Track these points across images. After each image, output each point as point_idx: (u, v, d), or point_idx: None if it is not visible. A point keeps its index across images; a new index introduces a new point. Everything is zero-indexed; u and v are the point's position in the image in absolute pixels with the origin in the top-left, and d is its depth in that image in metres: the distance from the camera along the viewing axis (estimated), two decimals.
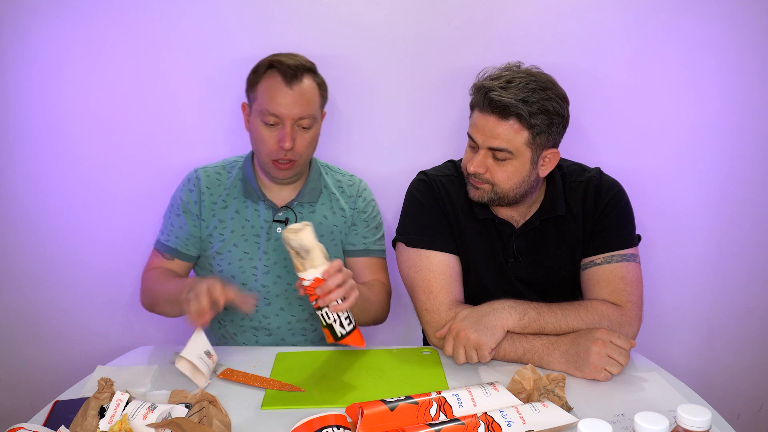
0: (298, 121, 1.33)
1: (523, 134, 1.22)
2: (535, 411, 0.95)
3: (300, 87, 1.32)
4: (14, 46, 1.66)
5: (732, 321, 1.88)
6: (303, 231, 1.09)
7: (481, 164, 1.26)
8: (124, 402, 0.97)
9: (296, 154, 1.35)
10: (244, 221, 1.43)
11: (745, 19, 1.67)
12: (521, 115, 1.20)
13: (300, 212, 1.44)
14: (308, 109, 1.33)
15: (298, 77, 1.32)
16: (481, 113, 1.24)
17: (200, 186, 1.44)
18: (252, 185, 1.43)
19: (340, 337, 1.15)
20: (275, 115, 1.31)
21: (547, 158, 1.28)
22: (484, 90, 1.22)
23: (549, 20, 1.67)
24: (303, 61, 1.36)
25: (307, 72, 1.35)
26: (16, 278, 1.82)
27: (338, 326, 1.14)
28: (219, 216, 1.43)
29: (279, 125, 1.33)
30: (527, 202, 1.35)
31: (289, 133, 1.32)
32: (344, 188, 1.50)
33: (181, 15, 1.66)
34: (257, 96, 1.34)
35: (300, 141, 1.34)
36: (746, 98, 1.72)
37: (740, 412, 1.95)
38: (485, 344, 1.16)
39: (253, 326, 1.46)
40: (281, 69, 1.32)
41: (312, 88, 1.35)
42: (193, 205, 1.43)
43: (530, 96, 1.20)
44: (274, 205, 1.43)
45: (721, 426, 0.99)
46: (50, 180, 1.75)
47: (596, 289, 1.29)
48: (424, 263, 1.32)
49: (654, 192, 1.77)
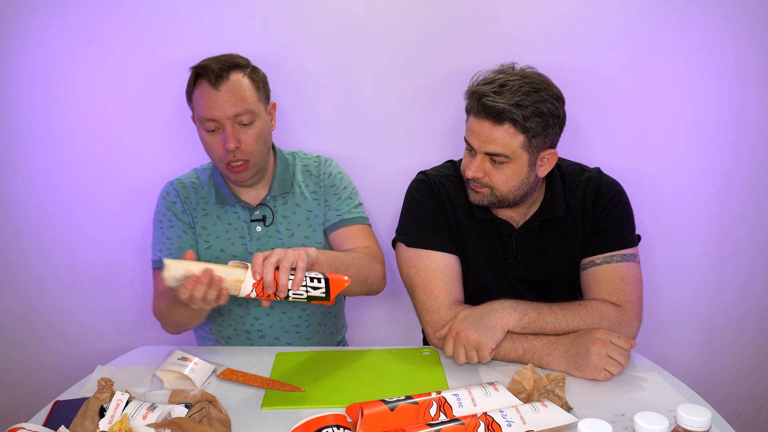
0: (236, 119, 1.31)
1: (519, 138, 1.22)
2: (535, 411, 0.95)
3: (227, 85, 1.30)
4: (14, 46, 1.66)
5: (732, 321, 1.88)
6: (168, 268, 1.04)
7: (479, 169, 1.26)
8: (124, 402, 0.97)
9: (245, 153, 1.33)
10: (227, 225, 1.43)
11: (745, 19, 1.67)
12: (515, 119, 1.19)
13: (275, 206, 1.44)
14: (242, 104, 1.30)
15: (224, 76, 1.29)
16: (476, 118, 1.24)
17: (180, 197, 1.44)
18: (224, 191, 1.43)
19: (326, 296, 1.10)
20: (212, 119, 1.30)
21: (546, 159, 1.28)
22: (477, 95, 1.22)
23: (548, 20, 1.67)
24: (229, 60, 1.33)
25: (235, 69, 1.32)
26: (16, 278, 1.82)
27: (315, 292, 1.09)
28: (201, 223, 1.43)
29: (220, 129, 1.32)
30: (527, 202, 1.35)
31: (231, 134, 1.30)
32: (311, 171, 1.49)
33: (182, 15, 1.66)
34: (194, 106, 1.34)
35: (245, 138, 1.32)
36: (746, 98, 1.72)
37: (740, 412, 1.95)
38: (485, 344, 1.15)
39: (245, 329, 1.46)
40: (206, 74, 1.30)
41: (241, 83, 1.32)
42: (181, 214, 1.42)
43: (524, 99, 1.19)
44: (249, 206, 1.43)
45: (721, 426, 0.99)
46: (50, 180, 1.75)
47: (596, 289, 1.29)
48: (424, 263, 1.32)
49: (654, 192, 1.77)
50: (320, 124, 1.74)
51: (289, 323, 1.46)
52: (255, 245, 1.43)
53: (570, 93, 1.67)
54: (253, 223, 1.43)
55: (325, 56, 1.69)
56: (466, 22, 1.67)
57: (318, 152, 1.55)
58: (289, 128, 1.72)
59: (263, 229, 1.43)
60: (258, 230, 1.43)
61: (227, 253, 1.42)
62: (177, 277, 1.05)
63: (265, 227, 1.43)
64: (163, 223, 1.43)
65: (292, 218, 1.44)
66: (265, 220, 1.43)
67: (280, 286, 1.05)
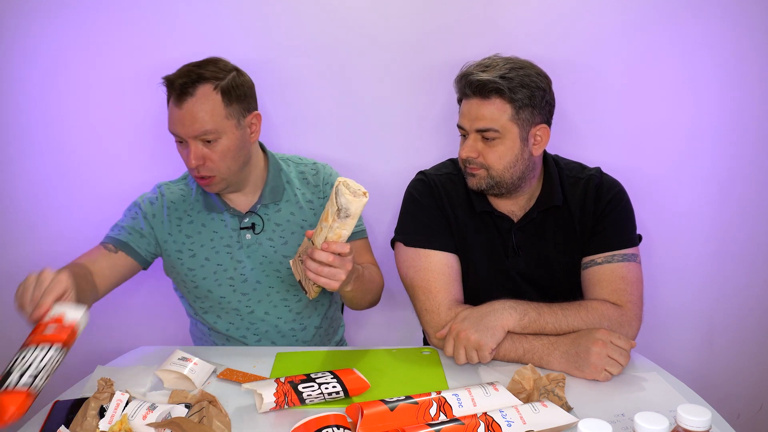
0: (199, 138, 1.26)
1: (507, 110, 1.24)
2: (535, 411, 0.95)
3: (189, 104, 1.24)
4: (14, 46, 1.66)
5: (732, 321, 1.88)
6: (360, 199, 1.04)
7: (472, 148, 1.28)
8: (124, 402, 0.97)
9: (209, 169, 1.29)
10: (212, 233, 1.40)
11: (745, 19, 1.67)
12: (501, 90, 1.23)
13: (265, 214, 1.41)
14: (202, 125, 1.25)
15: (188, 92, 1.24)
16: (465, 100, 1.29)
17: (164, 201, 1.41)
18: (212, 198, 1.40)
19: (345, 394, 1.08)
20: (175, 134, 1.29)
21: (538, 136, 1.29)
22: (464, 77, 1.27)
23: (548, 19, 1.67)
24: (197, 72, 1.26)
25: (202, 82, 1.25)
26: (17, 278, 1.82)
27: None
28: (185, 231, 1.40)
29: (185, 143, 1.29)
30: (526, 191, 1.35)
31: (192, 151, 1.27)
32: (309, 179, 1.46)
33: (182, 15, 1.66)
34: None
35: (209, 155, 1.28)
36: (746, 98, 1.72)
37: (740, 412, 1.95)
38: (486, 345, 1.16)
39: (240, 335, 1.45)
40: (172, 88, 1.26)
41: (206, 100, 1.25)
42: (152, 218, 1.40)
43: (508, 73, 1.24)
44: (238, 213, 1.40)
45: (721, 426, 0.99)
46: (49, 180, 1.75)
47: (596, 289, 1.29)
48: (423, 263, 1.32)
49: (654, 192, 1.77)
50: (316, 126, 1.74)
51: (285, 327, 1.45)
52: (245, 253, 1.40)
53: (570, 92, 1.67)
54: (242, 231, 1.40)
55: (320, 57, 1.69)
56: (465, 23, 1.67)
57: (314, 154, 1.54)
58: (286, 130, 1.72)
59: (253, 236, 1.40)
60: (248, 238, 1.40)
61: (212, 262, 1.40)
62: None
63: (254, 235, 1.40)
64: (132, 212, 1.41)
65: (286, 226, 1.42)
66: (254, 227, 1.41)
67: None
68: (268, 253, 1.40)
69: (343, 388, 1.06)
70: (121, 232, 1.38)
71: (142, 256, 1.38)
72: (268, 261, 1.41)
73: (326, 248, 1.08)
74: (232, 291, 1.41)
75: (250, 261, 1.40)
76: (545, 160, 1.38)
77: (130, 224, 1.39)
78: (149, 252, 1.40)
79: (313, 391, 1.04)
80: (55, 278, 1.02)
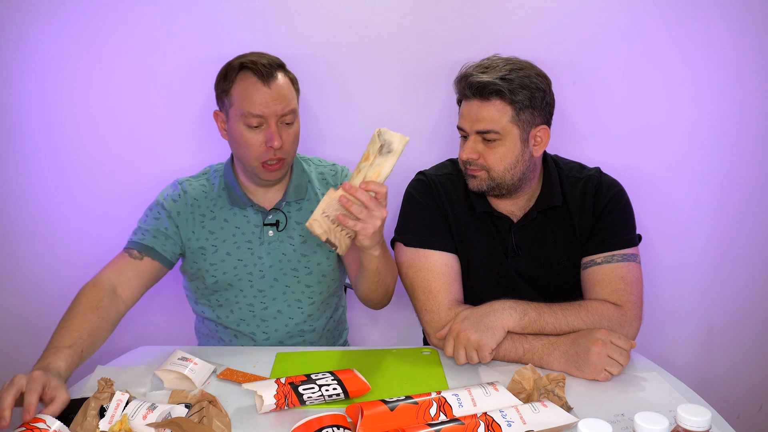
0: (282, 118, 1.32)
1: (507, 112, 1.24)
2: (535, 411, 0.95)
3: (276, 84, 1.30)
4: (14, 46, 1.66)
5: (732, 321, 1.88)
6: (404, 137, 1.09)
7: (472, 150, 1.28)
8: (124, 402, 0.97)
9: (284, 151, 1.33)
10: (234, 229, 1.41)
11: (745, 19, 1.67)
12: (502, 92, 1.23)
13: (289, 212, 1.43)
14: (289, 104, 1.32)
15: (273, 74, 1.30)
16: (465, 101, 1.29)
17: (187, 199, 1.41)
18: (237, 192, 1.41)
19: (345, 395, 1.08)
20: (258, 115, 1.30)
21: (538, 137, 1.29)
22: (464, 78, 1.27)
23: (548, 19, 1.67)
24: (273, 59, 1.34)
25: (279, 68, 1.33)
26: (17, 278, 1.82)
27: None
28: (209, 227, 1.41)
29: (263, 126, 1.31)
30: (526, 191, 1.35)
31: (275, 132, 1.30)
32: (328, 179, 1.48)
33: (182, 15, 1.66)
34: (233, 101, 1.32)
35: (286, 138, 1.33)
36: (746, 97, 1.72)
37: (740, 412, 1.95)
38: (486, 345, 1.16)
39: (250, 331, 1.45)
40: (255, 69, 1.29)
41: (287, 83, 1.33)
42: (177, 216, 1.39)
43: (508, 75, 1.24)
44: (262, 209, 1.41)
45: (721, 426, 0.99)
46: (50, 180, 1.75)
47: (596, 289, 1.29)
48: (423, 263, 1.32)
49: (654, 192, 1.77)
50: (316, 126, 1.74)
51: (295, 329, 1.45)
52: (266, 249, 1.41)
53: (570, 92, 1.67)
54: (265, 228, 1.42)
55: (320, 58, 1.69)
56: (465, 23, 1.67)
57: (315, 154, 1.55)
58: None
59: (275, 233, 1.41)
60: (270, 234, 1.41)
61: (233, 257, 1.40)
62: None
63: (277, 232, 1.42)
64: (154, 212, 1.40)
65: (305, 227, 1.42)
66: (278, 224, 1.42)
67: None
68: (287, 251, 1.41)
69: (343, 390, 1.06)
70: (146, 235, 1.37)
71: (168, 259, 1.38)
72: (287, 259, 1.41)
73: (365, 187, 1.09)
74: (249, 286, 1.42)
75: (269, 258, 1.41)
76: (545, 161, 1.38)
77: (154, 226, 1.38)
78: (174, 253, 1.39)
79: (313, 392, 1.04)
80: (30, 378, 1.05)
